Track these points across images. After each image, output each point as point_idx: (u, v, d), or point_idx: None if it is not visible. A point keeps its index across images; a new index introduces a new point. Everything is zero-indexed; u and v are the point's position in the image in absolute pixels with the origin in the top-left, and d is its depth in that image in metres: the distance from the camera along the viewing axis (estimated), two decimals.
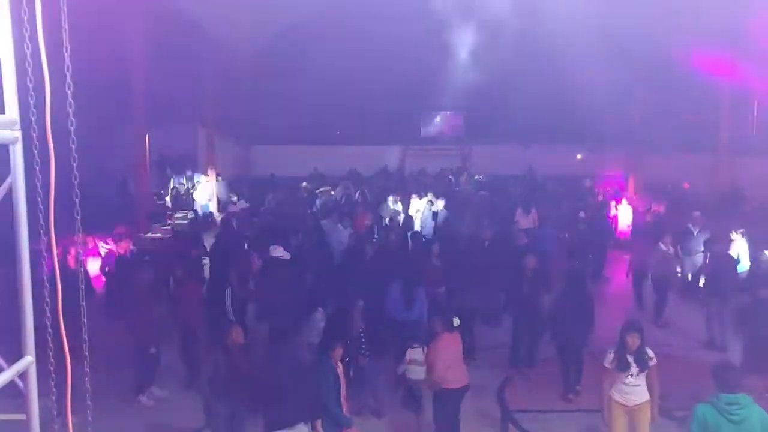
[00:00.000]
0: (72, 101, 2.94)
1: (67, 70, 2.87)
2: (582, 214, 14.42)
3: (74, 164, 2.90)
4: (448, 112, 28.14)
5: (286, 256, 9.38)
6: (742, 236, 11.27)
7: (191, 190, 19.83)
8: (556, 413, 7.78)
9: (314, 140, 24.94)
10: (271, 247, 9.48)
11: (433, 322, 7.01)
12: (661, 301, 11.25)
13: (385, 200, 16.33)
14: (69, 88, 2.89)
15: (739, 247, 11.10)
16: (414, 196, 16.80)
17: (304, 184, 20.00)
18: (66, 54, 2.87)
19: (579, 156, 26.04)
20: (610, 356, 6.16)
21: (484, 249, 10.85)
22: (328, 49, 21.50)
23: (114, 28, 14.27)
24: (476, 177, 23.43)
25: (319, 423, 5.87)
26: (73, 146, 2.92)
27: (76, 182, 2.91)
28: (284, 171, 22.32)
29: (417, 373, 7.14)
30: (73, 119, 2.95)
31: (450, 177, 22.87)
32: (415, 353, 7.24)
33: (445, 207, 15.68)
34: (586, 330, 8.19)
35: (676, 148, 22.76)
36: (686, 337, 10.43)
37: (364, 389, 7.76)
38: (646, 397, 6.12)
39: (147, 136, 15.38)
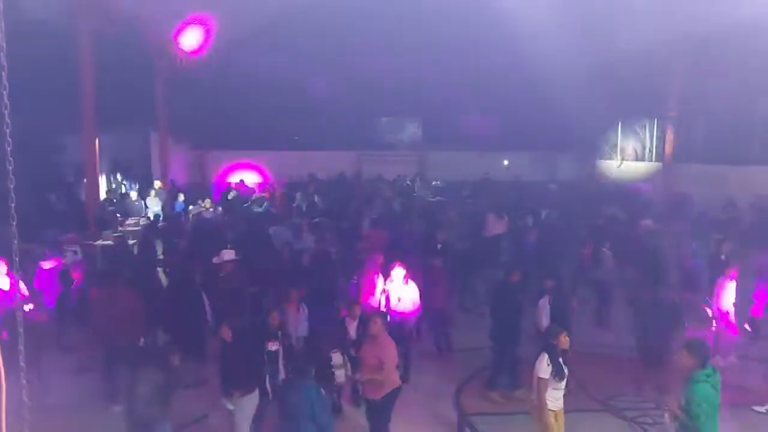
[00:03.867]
0: (7, 102, 2.80)
1: (3, 70, 2.74)
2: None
3: (10, 168, 2.77)
4: (406, 118, 28.31)
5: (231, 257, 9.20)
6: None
7: (144, 196, 19.31)
8: (513, 415, 7.81)
9: (270, 146, 24.75)
10: (223, 251, 9.32)
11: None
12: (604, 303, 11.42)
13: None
14: (5, 89, 2.76)
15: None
16: None
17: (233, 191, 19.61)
18: (1, 53, 2.74)
19: (506, 162, 26.43)
20: (547, 367, 5.88)
21: (437, 252, 10.90)
22: (286, 54, 21.41)
23: (59, 29, 13.86)
24: (433, 183, 23.62)
25: None
26: (9, 149, 2.79)
27: (12, 186, 2.78)
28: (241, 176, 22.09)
29: (339, 376, 7.11)
30: (8, 121, 2.81)
31: (408, 183, 22.97)
32: (336, 357, 7.19)
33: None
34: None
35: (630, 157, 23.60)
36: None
37: None
38: None
39: (97, 141, 14.92)
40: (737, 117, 17.94)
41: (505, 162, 26.51)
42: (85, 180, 15.50)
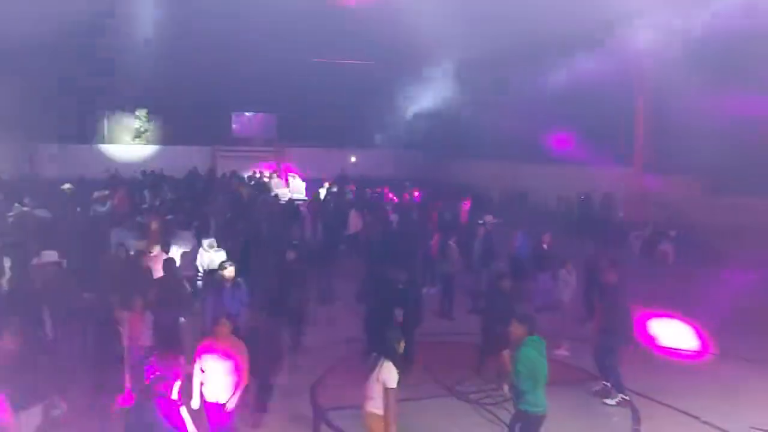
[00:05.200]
0: None
1: None
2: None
3: None
4: (261, 114, 27.81)
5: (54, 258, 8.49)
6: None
7: None
8: None
9: (113, 139, 23.07)
10: (44, 252, 8.55)
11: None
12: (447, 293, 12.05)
13: None
14: None
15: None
16: None
17: (67, 185, 17.64)
18: None
19: (353, 158, 27.06)
20: (396, 375, 5.76)
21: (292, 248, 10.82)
22: (133, 43, 20.07)
23: None
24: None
25: None
26: None
27: None
28: (75, 171, 20.18)
29: None
30: None
31: (264, 179, 22.53)
32: None
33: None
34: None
35: (470, 155, 25.04)
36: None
37: None
38: None
39: None
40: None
41: (353, 158, 26.96)
42: None
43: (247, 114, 27.52)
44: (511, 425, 6.15)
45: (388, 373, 5.64)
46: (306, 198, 19.80)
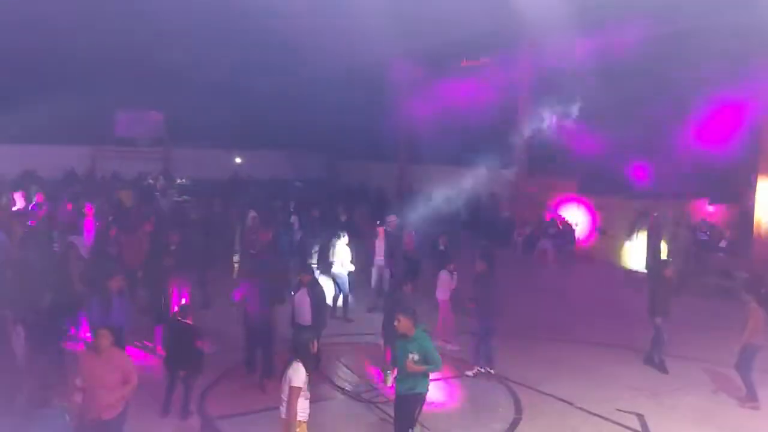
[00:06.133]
0: None
1: None
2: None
3: None
4: (147, 111, 26.46)
5: None
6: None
7: None
8: (260, 413, 7.82)
9: None
10: None
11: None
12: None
13: None
14: None
15: None
16: None
17: None
18: None
19: (238, 159, 26.80)
20: (304, 375, 5.80)
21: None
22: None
23: None
24: (179, 180, 22.57)
25: None
26: None
27: None
28: None
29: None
30: None
31: (150, 181, 21.56)
32: None
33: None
34: None
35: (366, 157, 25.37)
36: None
37: None
38: None
39: None
40: None
41: (238, 159, 26.49)
42: None
43: (131, 111, 26.05)
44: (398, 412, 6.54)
45: (295, 373, 5.68)
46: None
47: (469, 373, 9.16)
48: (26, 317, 7.79)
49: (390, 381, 6.48)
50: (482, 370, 9.10)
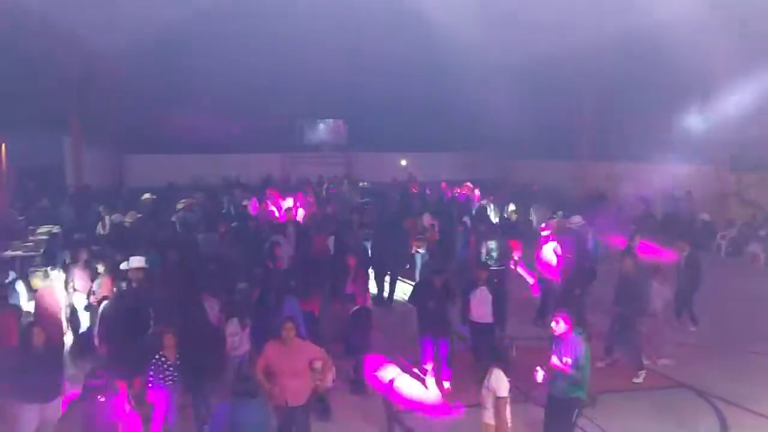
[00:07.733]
0: None
1: None
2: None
3: None
4: (331, 120, 28.33)
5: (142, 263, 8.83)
6: None
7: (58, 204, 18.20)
8: None
9: (193, 149, 24.04)
10: (132, 258, 8.88)
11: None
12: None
13: None
14: None
15: None
16: None
17: (147, 195, 17.65)
18: None
19: (403, 162, 26.91)
20: (507, 384, 5.75)
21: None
22: (208, 55, 20.80)
23: None
24: (361, 184, 23.68)
25: None
26: None
27: None
28: (160, 181, 21.19)
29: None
30: None
31: (330, 184, 22.82)
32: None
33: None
34: None
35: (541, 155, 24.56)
36: None
37: None
38: None
39: (2, 145, 14.08)
40: None
41: (403, 162, 26.91)
42: None
43: (317, 120, 28.09)
44: None
45: (497, 381, 5.60)
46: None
47: (638, 380, 8.69)
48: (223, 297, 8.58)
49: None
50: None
